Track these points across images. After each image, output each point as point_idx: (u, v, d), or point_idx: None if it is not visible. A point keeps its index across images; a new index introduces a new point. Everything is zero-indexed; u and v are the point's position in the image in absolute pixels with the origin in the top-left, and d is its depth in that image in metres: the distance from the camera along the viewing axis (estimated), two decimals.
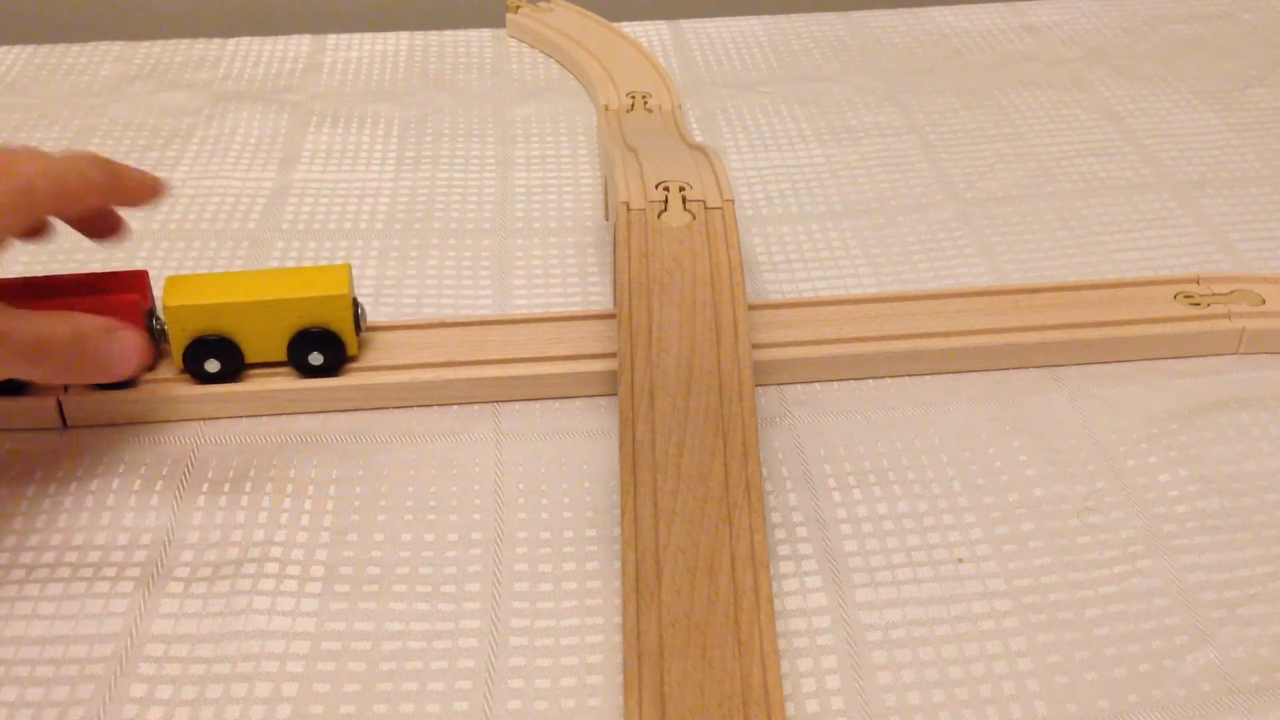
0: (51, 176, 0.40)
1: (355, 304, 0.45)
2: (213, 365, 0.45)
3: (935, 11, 0.79)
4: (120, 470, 0.43)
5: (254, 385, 0.45)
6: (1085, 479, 0.43)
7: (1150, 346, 0.48)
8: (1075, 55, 0.73)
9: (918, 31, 0.77)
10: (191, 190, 0.60)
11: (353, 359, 0.46)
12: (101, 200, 0.43)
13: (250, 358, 0.45)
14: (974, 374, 0.48)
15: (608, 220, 0.56)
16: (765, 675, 0.34)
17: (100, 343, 0.40)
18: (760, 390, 0.47)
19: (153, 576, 0.39)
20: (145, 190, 0.44)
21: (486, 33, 0.76)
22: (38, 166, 0.40)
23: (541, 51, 0.74)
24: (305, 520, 0.41)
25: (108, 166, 0.43)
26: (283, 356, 0.45)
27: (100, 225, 0.45)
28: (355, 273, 0.54)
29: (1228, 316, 0.49)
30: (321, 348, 0.45)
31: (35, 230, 0.43)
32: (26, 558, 0.40)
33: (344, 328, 0.45)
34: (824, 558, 0.40)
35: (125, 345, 0.41)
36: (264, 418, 0.46)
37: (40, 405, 0.44)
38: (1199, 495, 0.42)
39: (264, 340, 0.45)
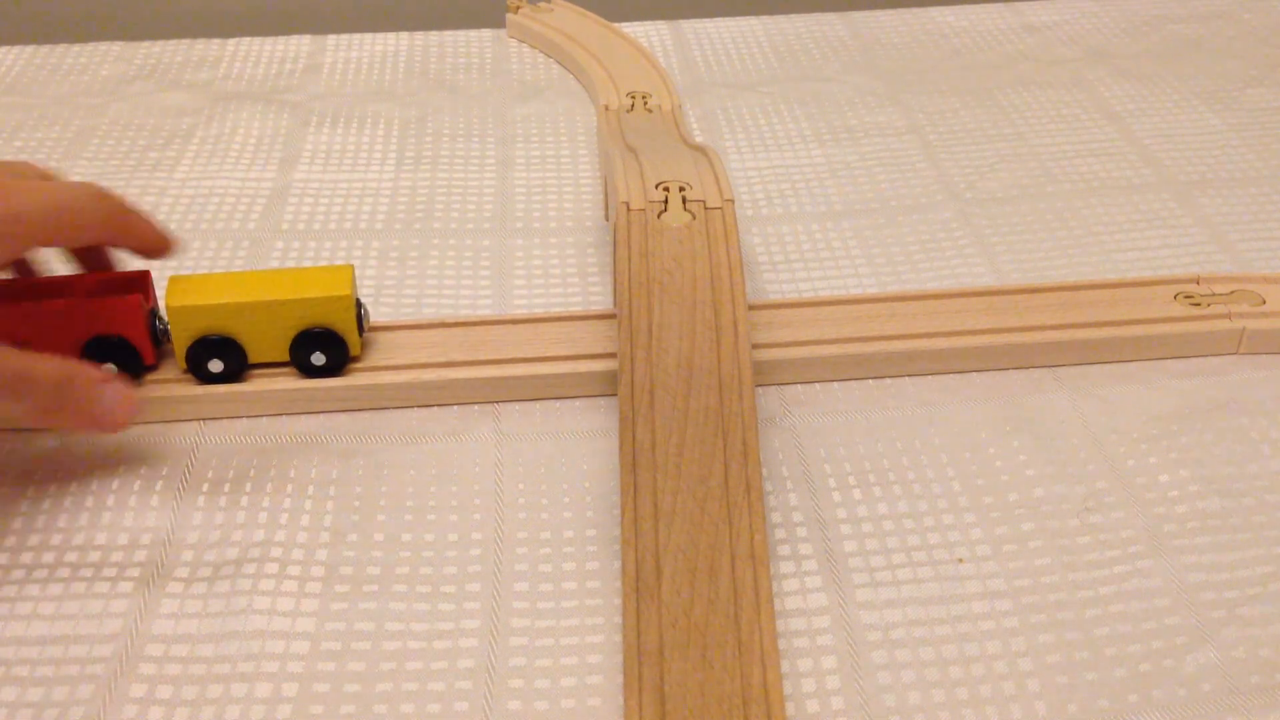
0: (45, 207, 0.39)
1: (358, 304, 0.45)
2: (216, 365, 0.45)
3: (935, 11, 0.79)
4: (120, 470, 0.43)
5: (255, 385, 0.45)
6: (1085, 479, 0.43)
7: (1150, 347, 0.48)
8: (1075, 55, 0.73)
9: (918, 31, 0.77)
10: (191, 190, 0.60)
11: (355, 359, 0.46)
12: (98, 239, 0.43)
13: (253, 358, 0.45)
14: (974, 374, 0.48)
15: (608, 220, 0.56)
16: (765, 675, 0.34)
17: (87, 391, 0.39)
18: (760, 390, 0.47)
19: (153, 576, 0.39)
20: (151, 242, 0.43)
21: (486, 33, 0.76)
22: (32, 196, 0.39)
23: (541, 51, 0.74)
24: (305, 520, 0.41)
25: (111, 207, 0.42)
26: (285, 357, 0.45)
27: (91, 261, 0.45)
28: (355, 273, 0.54)
29: (1228, 316, 0.49)
30: (324, 348, 0.45)
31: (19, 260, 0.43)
32: (26, 558, 0.40)
33: (347, 328, 0.45)
34: (824, 558, 0.40)
35: (114, 399, 0.40)
36: (264, 418, 0.46)
37: None
38: (1199, 495, 0.42)
39: (267, 340, 0.45)
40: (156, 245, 0.44)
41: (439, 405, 0.46)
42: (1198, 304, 0.49)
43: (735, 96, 0.69)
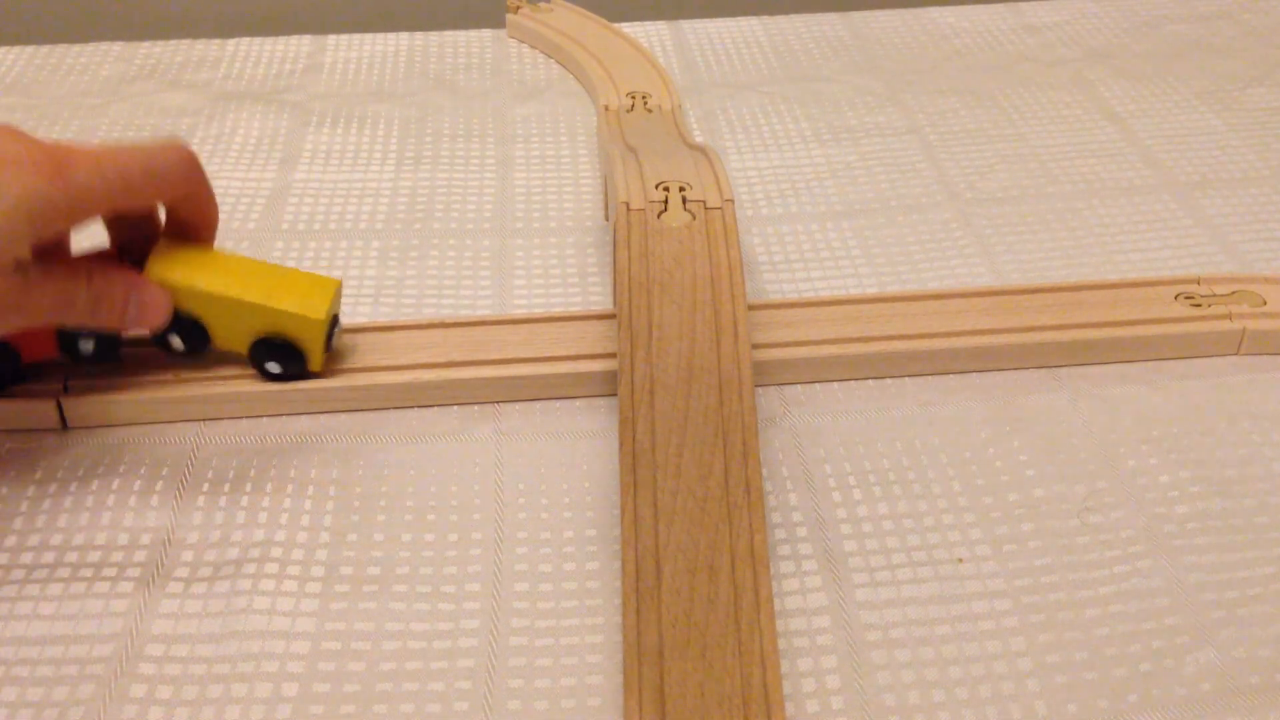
0: (118, 174, 0.40)
1: (334, 322, 0.45)
2: (176, 342, 0.44)
3: (935, 11, 0.79)
4: (120, 470, 0.43)
5: (254, 386, 0.45)
6: (1085, 479, 0.43)
7: (1151, 347, 0.48)
8: (1075, 56, 0.73)
9: (918, 31, 0.77)
10: None
11: (316, 375, 0.45)
12: (168, 198, 0.43)
13: (218, 344, 0.44)
14: (974, 374, 0.48)
15: (608, 220, 0.56)
16: (765, 675, 0.34)
17: (117, 303, 0.42)
18: (760, 390, 0.47)
19: (153, 576, 0.39)
20: (209, 222, 0.44)
21: (486, 33, 0.76)
22: (103, 165, 0.39)
23: (541, 52, 0.74)
24: (305, 520, 0.41)
25: (196, 174, 0.43)
26: (244, 351, 0.44)
27: (134, 230, 0.44)
28: (355, 273, 0.54)
29: (1229, 317, 0.49)
30: (282, 358, 0.44)
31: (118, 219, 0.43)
32: (26, 558, 0.40)
33: (312, 346, 0.44)
34: (824, 558, 0.40)
35: (142, 305, 0.42)
36: (264, 418, 0.46)
37: (40, 406, 0.44)
38: (1199, 496, 0.42)
39: (231, 333, 0.44)
40: (210, 226, 0.44)
41: (439, 405, 0.46)
42: (1198, 305, 0.49)
43: (735, 96, 0.69)
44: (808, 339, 0.48)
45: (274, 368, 0.45)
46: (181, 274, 0.43)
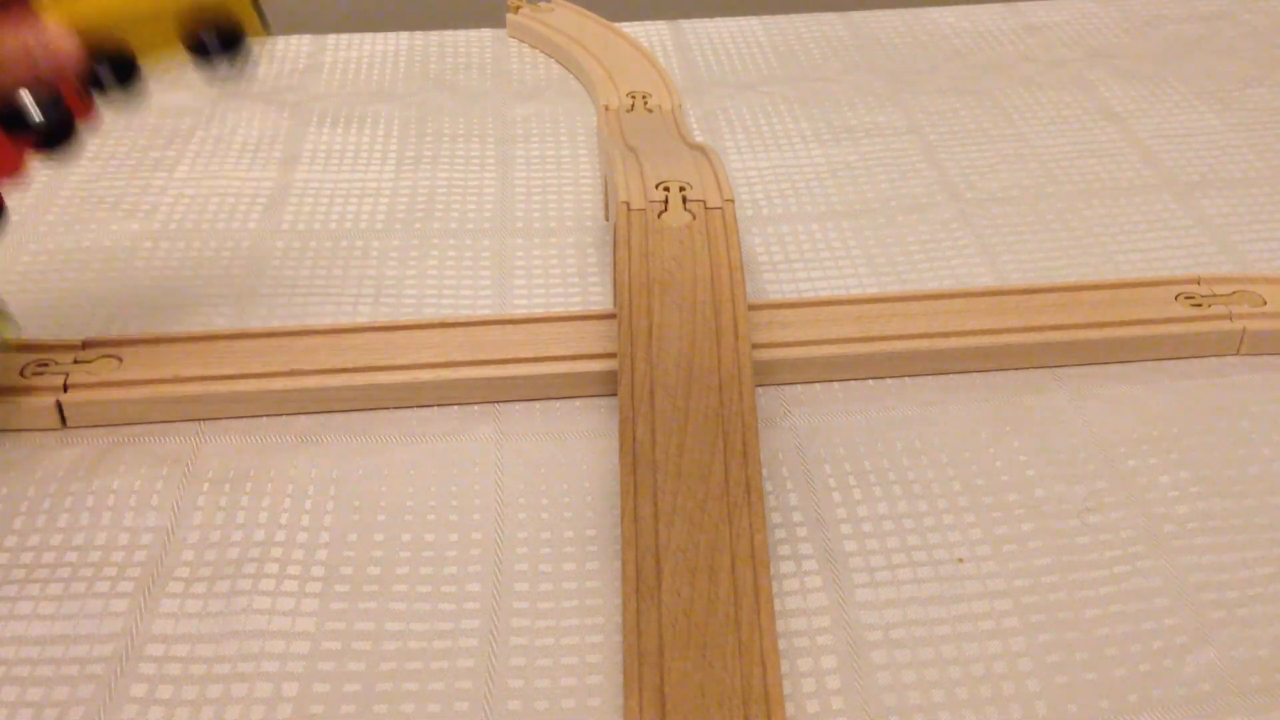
0: None
1: None
2: (107, 75, 0.40)
3: (935, 11, 0.79)
4: (120, 470, 0.43)
5: (255, 385, 0.45)
6: (1085, 479, 0.43)
7: (1151, 347, 0.48)
8: (1076, 56, 0.73)
9: (918, 31, 0.77)
10: (192, 190, 0.60)
11: (257, 41, 0.41)
12: None
13: (148, 58, 0.41)
14: (974, 374, 0.48)
15: (608, 220, 0.56)
16: (765, 675, 0.34)
17: (12, 48, 0.37)
18: (760, 390, 0.47)
19: (153, 576, 0.39)
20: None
21: (486, 33, 0.76)
22: None
23: (542, 51, 0.74)
24: (305, 520, 0.41)
25: None
26: (178, 47, 0.41)
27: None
28: (355, 273, 0.54)
29: (1229, 317, 0.49)
30: (218, 33, 0.40)
31: None
32: (26, 558, 0.40)
33: (241, 5, 0.40)
34: (824, 558, 0.40)
35: (44, 43, 0.37)
36: (264, 418, 0.46)
37: (40, 405, 0.44)
38: (1199, 496, 0.42)
39: (154, 34, 0.41)
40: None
41: (439, 405, 0.46)
42: (1198, 305, 0.49)
43: (735, 96, 0.69)
44: (808, 339, 0.48)
45: (216, 49, 0.41)
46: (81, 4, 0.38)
